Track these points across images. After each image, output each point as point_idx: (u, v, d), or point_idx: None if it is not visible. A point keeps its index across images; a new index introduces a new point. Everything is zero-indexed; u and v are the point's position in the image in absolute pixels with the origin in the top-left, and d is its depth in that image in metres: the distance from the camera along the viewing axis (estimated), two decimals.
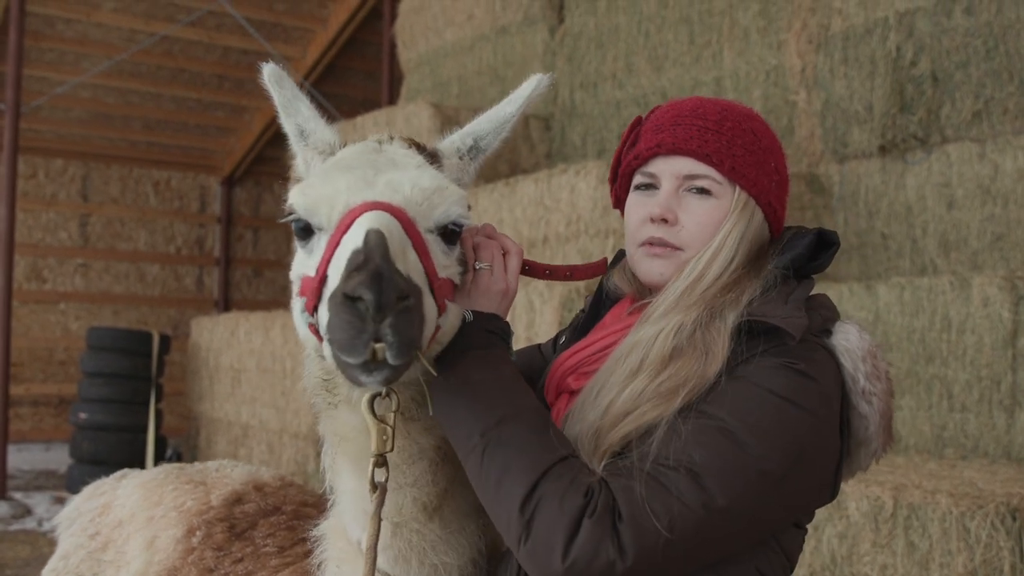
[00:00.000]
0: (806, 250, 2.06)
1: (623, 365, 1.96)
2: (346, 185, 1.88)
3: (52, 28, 13.88)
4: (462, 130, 2.20)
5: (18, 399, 15.39)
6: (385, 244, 1.69)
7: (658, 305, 2.02)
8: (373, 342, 1.62)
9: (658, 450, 1.80)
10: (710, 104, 2.11)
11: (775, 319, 1.90)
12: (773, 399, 1.83)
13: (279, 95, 2.16)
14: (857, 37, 7.16)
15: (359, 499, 2.02)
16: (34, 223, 16.24)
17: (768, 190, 2.06)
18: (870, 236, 7.08)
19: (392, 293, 1.62)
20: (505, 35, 10.25)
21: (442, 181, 1.96)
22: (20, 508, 10.41)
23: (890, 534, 4.37)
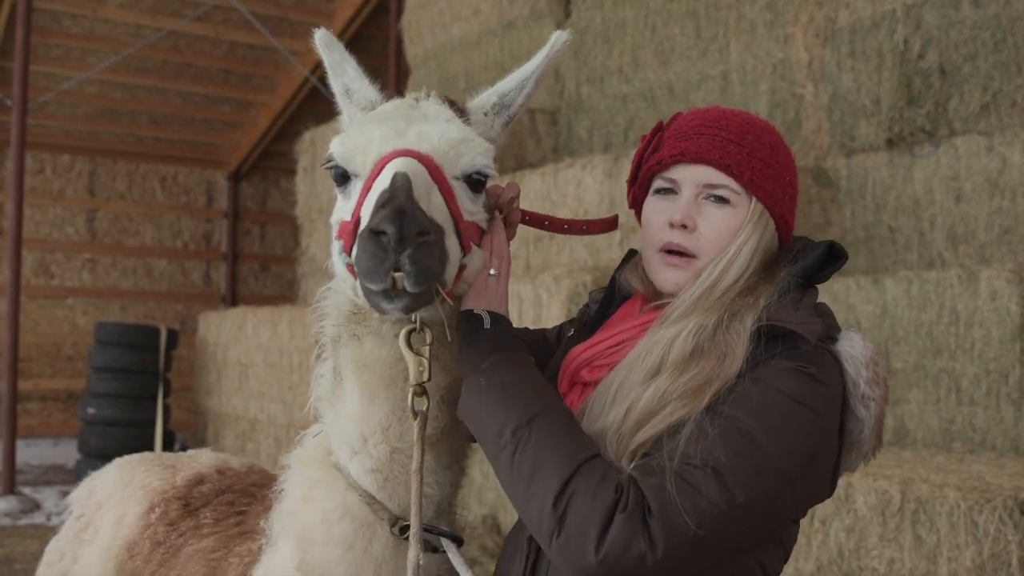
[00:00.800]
0: (816, 261, 2.13)
1: (642, 365, 2.03)
2: (379, 135, 2.04)
3: (58, 24, 13.90)
4: (489, 89, 2.34)
5: (26, 394, 15.44)
6: (409, 185, 1.85)
7: (676, 308, 2.08)
8: (393, 271, 1.79)
9: (685, 449, 1.86)
10: (732, 116, 2.18)
11: (792, 324, 1.97)
12: (787, 401, 1.91)
13: (328, 56, 2.35)
14: (864, 30, 7.14)
15: (360, 423, 2.14)
16: (41, 218, 16.27)
17: (782, 203, 2.14)
18: (877, 229, 7.06)
19: (412, 227, 1.79)
20: (512, 30, 10.24)
21: (469, 133, 2.11)
22: (29, 503, 10.44)
23: (898, 528, 4.36)
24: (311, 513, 2.17)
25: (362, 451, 2.14)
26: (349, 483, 2.14)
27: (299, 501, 2.21)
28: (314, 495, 2.19)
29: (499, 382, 1.97)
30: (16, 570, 7.79)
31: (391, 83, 13.58)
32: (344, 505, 2.14)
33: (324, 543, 2.14)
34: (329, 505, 2.15)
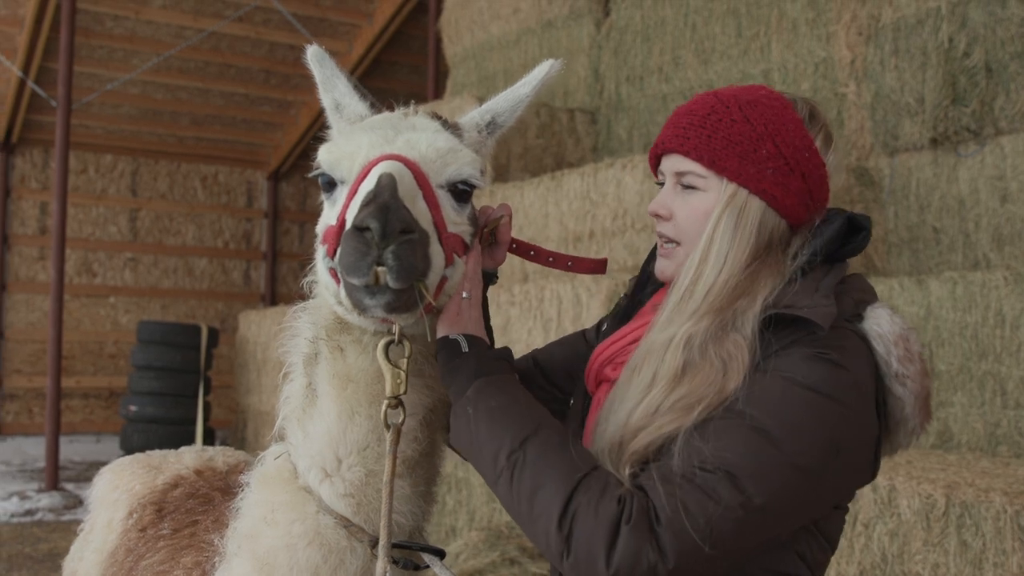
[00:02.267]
0: (835, 237, 2.05)
1: (638, 377, 1.99)
2: (368, 142, 2.06)
3: (102, 25, 14.06)
4: (481, 107, 2.34)
5: (69, 392, 15.65)
6: (395, 184, 1.87)
7: (665, 307, 2.06)
8: (376, 265, 1.80)
9: (689, 452, 1.81)
10: (711, 98, 2.14)
11: (801, 310, 1.89)
12: (805, 393, 1.83)
13: (320, 72, 2.38)
14: (908, 28, 7.05)
15: (336, 444, 2.09)
16: (84, 218, 16.48)
17: (759, 177, 2.03)
18: (921, 230, 6.97)
19: (396, 223, 1.80)
20: (551, 29, 10.22)
21: (456, 144, 2.12)
22: (72, 499, 10.58)
23: (942, 533, 4.30)
24: (274, 537, 2.09)
25: (335, 474, 2.09)
26: (321, 507, 2.08)
27: (260, 523, 2.13)
28: (278, 519, 2.11)
29: (486, 408, 1.95)
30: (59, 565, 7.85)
31: (430, 82, 13.62)
32: (315, 530, 2.07)
33: (288, 568, 2.06)
34: (297, 530, 2.08)
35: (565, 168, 8.64)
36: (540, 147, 9.08)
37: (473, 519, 6.89)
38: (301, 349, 2.22)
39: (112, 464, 3.29)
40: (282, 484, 2.15)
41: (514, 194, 7.96)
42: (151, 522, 2.79)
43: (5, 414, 15.97)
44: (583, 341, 2.56)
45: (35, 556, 8.19)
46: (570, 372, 2.49)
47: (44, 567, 7.83)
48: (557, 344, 2.62)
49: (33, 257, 16.26)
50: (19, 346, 16.10)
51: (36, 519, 9.82)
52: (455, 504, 7.08)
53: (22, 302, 16.17)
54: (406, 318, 1.99)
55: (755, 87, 2.14)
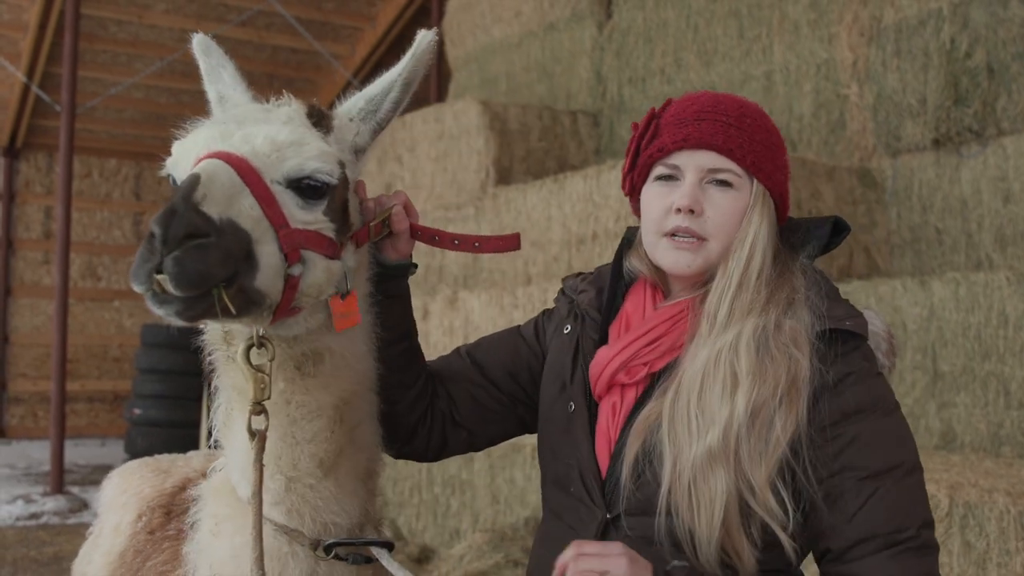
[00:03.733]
0: (825, 238, 2.21)
1: (714, 380, 2.01)
2: (204, 138, 1.98)
3: (105, 30, 14.09)
4: (357, 94, 2.25)
5: (74, 395, 15.67)
6: (193, 186, 1.76)
7: (716, 307, 2.09)
8: (156, 273, 1.69)
9: (891, 531, 1.93)
10: (727, 100, 2.21)
11: (845, 323, 2.04)
12: (897, 414, 2.04)
13: (205, 63, 2.28)
14: (910, 29, 7.05)
15: None
16: (89, 222, 16.53)
17: (781, 183, 2.19)
18: (924, 231, 6.98)
19: (179, 228, 1.69)
20: (553, 31, 10.23)
21: (302, 136, 2.00)
22: (77, 502, 10.59)
23: (946, 533, 4.30)
24: (220, 549, 2.09)
25: None
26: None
27: (208, 536, 2.14)
28: (222, 530, 2.11)
29: None
30: (65, 568, 7.89)
31: (433, 85, 13.63)
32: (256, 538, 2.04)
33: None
34: (240, 541, 2.04)
35: (568, 171, 8.65)
36: (542, 150, 9.09)
37: (477, 521, 6.90)
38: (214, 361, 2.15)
39: (121, 468, 3.29)
40: (224, 497, 2.14)
41: (517, 197, 7.97)
42: (159, 524, 2.79)
43: (10, 418, 16.00)
44: (521, 340, 2.52)
45: (40, 560, 8.21)
46: (510, 371, 2.46)
47: (49, 571, 7.84)
48: (492, 342, 2.57)
49: (38, 261, 16.30)
50: (24, 350, 16.13)
51: (41, 523, 9.84)
52: (459, 506, 7.09)
53: (27, 306, 16.20)
54: (251, 321, 1.90)
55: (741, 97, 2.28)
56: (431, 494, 7.31)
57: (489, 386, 2.46)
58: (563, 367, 2.32)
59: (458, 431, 2.45)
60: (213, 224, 1.75)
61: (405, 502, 7.46)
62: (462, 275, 8.48)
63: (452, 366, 2.50)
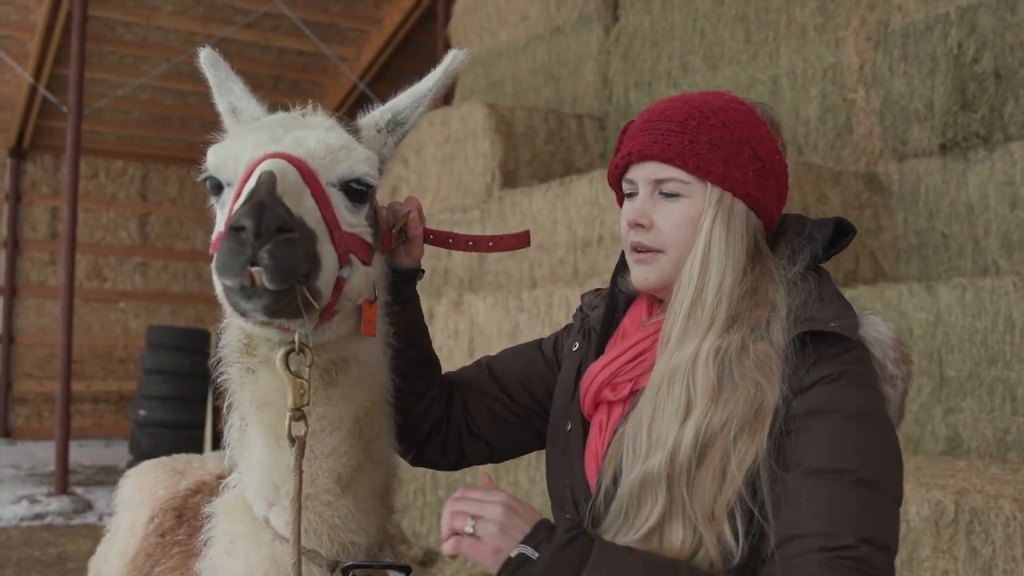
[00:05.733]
0: (829, 240, 2.10)
1: (669, 398, 1.96)
2: (254, 141, 1.96)
3: (112, 32, 14.12)
4: (383, 106, 2.26)
5: (79, 396, 15.69)
6: (273, 181, 1.75)
7: (673, 322, 2.03)
8: (250, 265, 1.68)
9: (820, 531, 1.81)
10: (681, 103, 2.13)
11: (828, 324, 1.92)
12: (871, 426, 1.89)
13: (214, 76, 2.29)
14: (917, 34, 7.04)
15: (270, 471, 2.04)
16: (95, 223, 16.56)
17: (744, 180, 2.05)
18: (930, 236, 6.96)
19: (272, 221, 1.69)
20: (559, 35, 10.23)
21: (350, 141, 2.02)
22: (81, 503, 10.60)
23: (952, 539, 4.29)
24: (235, 568, 2.07)
25: (277, 502, 2.04)
26: (275, 535, 2.04)
27: (223, 554, 2.11)
28: (236, 549, 2.08)
29: None
30: (69, 569, 7.91)
31: None
32: (271, 558, 2.03)
33: None
34: (255, 559, 2.04)
35: (573, 174, 8.64)
36: (548, 153, 9.08)
37: None
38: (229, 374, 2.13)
39: (138, 467, 3.31)
40: (239, 514, 2.12)
41: (522, 200, 7.97)
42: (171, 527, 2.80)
43: (15, 418, 16.02)
44: (539, 353, 2.52)
45: (44, 560, 8.21)
46: (525, 384, 2.45)
47: (53, 571, 7.85)
48: (512, 355, 2.57)
49: (44, 262, 16.33)
50: (29, 350, 16.16)
51: (45, 523, 9.86)
52: None
53: (33, 307, 16.23)
54: (301, 324, 1.87)
55: (716, 93, 2.17)
56: (435, 497, 7.31)
57: (505, 398, 2.45)
58: (568, 385, 2.31)
59: (475, 441, 2.45)
60: (300, 222, 1.78)
61: (409, 505, 7.46)
62: (467, 278, 8.48)
63: (470, 376, 2.49)
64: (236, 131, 2.12)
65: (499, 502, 1.85)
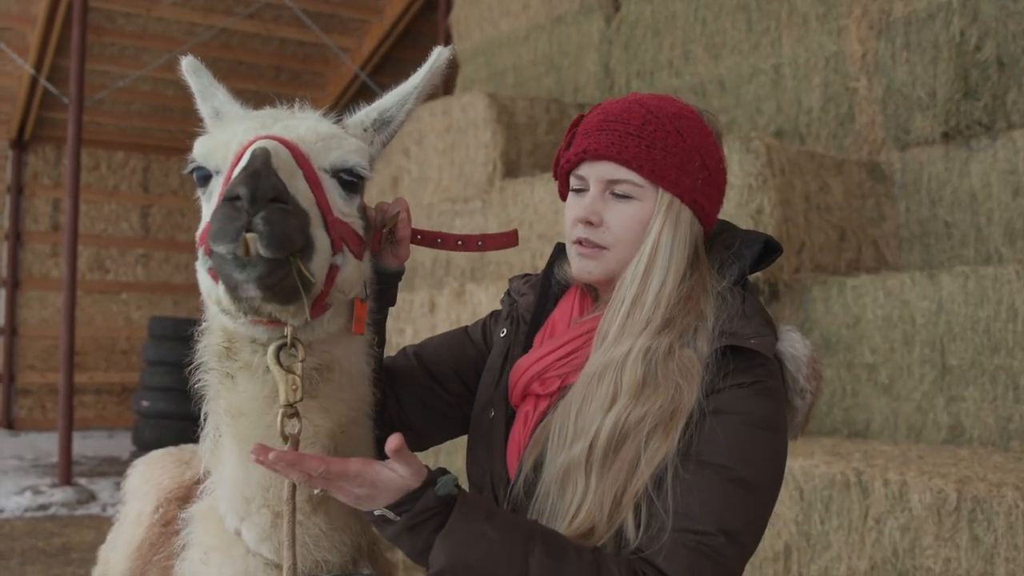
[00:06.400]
0: (754, 259, 2.17)
1: (598, 390, 2.02)
2: (243, 128, 1.94)
3: (113, 23, 14.09)
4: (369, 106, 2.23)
5: (82, 387, 15.69)
6: (268, 155, 1.74)
7: (612, 320, 2.09)
8: (245, 232, 1.66)
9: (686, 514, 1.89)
10: (637, 106, 2.16)
11: (748, 342, 2.00)
12: (763, 433, 1.98)
13: (197, 83, 2.30)
14: (920, 22, 7.03)
15: (241, 485, 2.00)
16: (96, 214, 16.54)
17: (693, 188, 2.11)
18: (933, 224, 6.95)
19: (267, 189, 1.67)
20: (561, 24, 10.22)
21: (340, 131, 2.02)
22: (85, 493, 10.62)
23: (954, 527, 4.30)
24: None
25: (247, 518, 2.00)
26: (248, 549, 2.01)
27: (199, 564, 2.09)
28: (211, 560, 2.06)
29: (465, 565, 1.83)
30: (73, 559, 7.93)
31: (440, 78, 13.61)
32: (244, 571, 2.01)
33: None
34: (228, 572, 2.02)
35: None
36: (550, 143, 9.07)
37: None
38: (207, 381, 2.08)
39: (146, 457, 3.32)
40: (213, 525, 2.09)
41: (524, 190, 7.96)
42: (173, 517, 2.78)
43: (18, 409, 16.04)
44: (469, 340, 2.52)
45: (48, 551, 8.23)
46: (457, 371, 2.45)
47: (57, 562, 7.86)
48: (441, 342, 2.56)
49: (46, 254, 16.32)
50: (32, 342, 16.17)
51: (49, 514, 9.87)
52: None
53: (35, 298, 16.23)
54: (293, 312, 1.82)
55: (669, 98, 2.20)
56: None
57: (436, 387, 2.44)
58: (494, 371, 2.33)
59: (406, 433, 2.41)
60: (294, 197, 1.76)
61: None
62: (469, 268, 8.48)
63: (398, 367, 2.47)
64: (223, 121, 2.11)
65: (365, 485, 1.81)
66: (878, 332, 5.88)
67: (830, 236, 6.69)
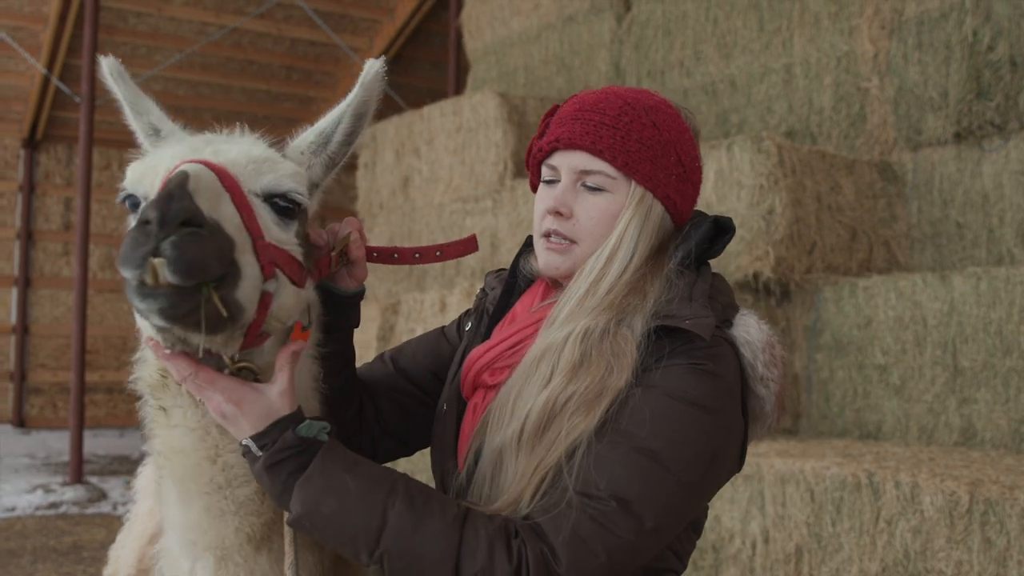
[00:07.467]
0: (703, 240, 2.10)
1: (536, 372, 1.99)
2: (171, 154, 1.86)
3: (125, 22, 14.13)
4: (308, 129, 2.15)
5: (93, 386, 15.74)
6: (184, 178, 1.65)
7: (562, 306, 2.05)
8: (152, 257, 1.56)
9: (585, 479, 1.83)
10: (614, 97, 2.13)
11: (683, 322, 1.94)
12: (687, 408, 1.88)
13: (125, 92, 2.10)
14: (932, 22, 7.00)
15: (185, 529, 1.94)
16: (108, 213, 16.58)
17: (666, 183, 2.08)
18: (945, 225, 6.93)
19: (179, 212, 1.58)
20: (572, 24, 10.21)
21: (274, 155, 1.95)
22: (96, 492, 10.65)
23: (966, 530, 4.28)
24: None
25: (197, 560, 1.95)
26: None
27: None
28: None
29: (320, 513, 1.79)
30: (84, 557, 7.95)
31: (451, 77, 13.62)
32: None
33: None
34: None
35: None
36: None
37: None
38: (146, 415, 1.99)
39: None
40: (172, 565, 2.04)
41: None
42: None
43: (30, 408, 16.09)
44: (444, 340, 2.50)
45: (59, 549, 8.26)
46: (435, 372, 2.42)
47: (68, 559, 7.89)
48: (417, 345, 2.54)
49: (57, 253, 16.38)
50: (44, 341, 16.23)
51: (60, 512, 9.90)
52: None
53: (46, 297, 16.29)
54: (222, 342, 1.76)
55: (646, 92, 2.17)
56: None
57: (415, 391, 2.42)
58: (454, 366, 2.31)
59: (386, 440, 2.40)
60: (206, 218, 1.65)
61: None
62: (479, 267, 8.48)
63: (376, 374, 2.44)
64: (156, 147, 2.01)
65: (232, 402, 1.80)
66: (889, 333, 5.86)
67: (842, 236, 6.67)
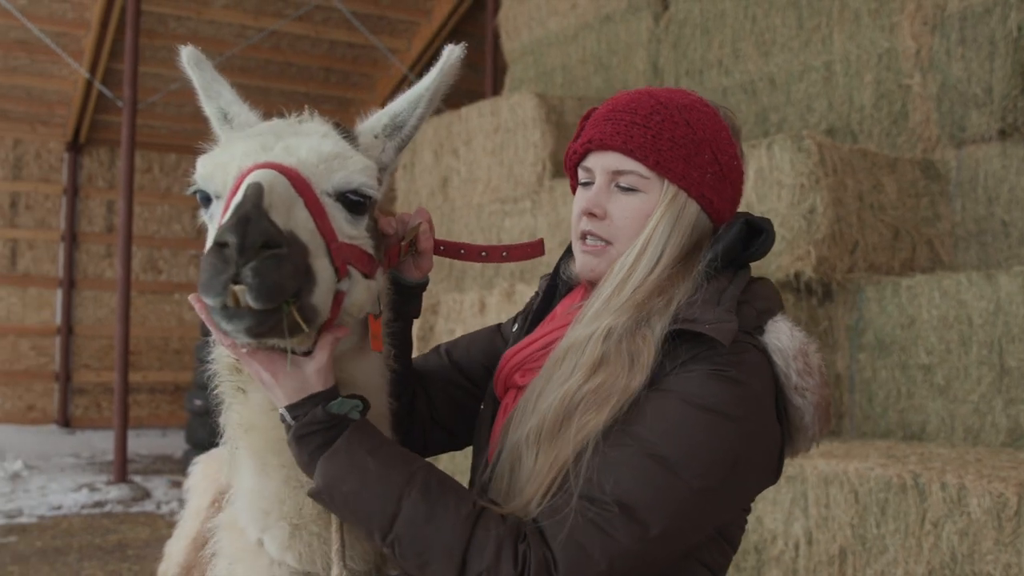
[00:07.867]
0: (735, 240, 2.06)
1: (559, 370, 1.97)
2: (242, 150, 1.89)
3: (165, 26, 14.27)
4: (380, 111, 2.18)
5: (136, 386, 15.93)
6: (260, 194, 1.67)
7: (590, 306, 2.03)
8: (233, 284, 1.61)
9: (589, 482, 1.81)
10: (647, 97, 2.11)
11: (703, 327, 1.89)
12: (703, 414, 1.83)
13: (199, 77, 2.21)
14: (975, 17, 6.90)
15: (259, 498, 1.99)
16: (150, 216, 16.78)
17: (701, 181, 2.05)
18: (990, 223, 6.83)
19: (257, 237, 1.61)
20: (609, 23, 10.17)
21: (345, 149, 1.95)
22: (140, 491, 10.78)
23: (1014, 532, 4.21)
24: None
25: (267, 530, 1.99)
26: (272, 559, 2.00)
27: (225, 573, 2.09)
28: (235, 571, 2.06)
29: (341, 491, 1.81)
30: (128, 555, 8.04)
31: (488, 78, 13.63)
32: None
33: None
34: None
35: None
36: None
37: None
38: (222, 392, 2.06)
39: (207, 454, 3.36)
40: (237, 535, 2.08)
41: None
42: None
43: (75, 408, 16.31)
44: (499, 336, 2.51)
45: (104, 547, 8.36)
46: (487, 367, 2.41)
47: (113, 557, 7.98)
48: (472, 339, 2.55)
49: (100, 255, 16.58)
50: (88, 342, 16.43)
51: (105, 511, 10.03)
52: None
53: (90, 298, 16.50)
54: (297, 342, 1.81)
55: (682, 91, 2.15)
56: None
57: (467, 384, 2.43)
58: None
59: (437, 431, 2.42)
60: (291, 236, 1.70)
61: None
62: (519, 268, 8.47)
63: (430, 366, 2.47)
64: (226, 140, 2.04)
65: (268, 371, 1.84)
66: (934, 333, 5.79)
67: (884, 235, 6.60)
